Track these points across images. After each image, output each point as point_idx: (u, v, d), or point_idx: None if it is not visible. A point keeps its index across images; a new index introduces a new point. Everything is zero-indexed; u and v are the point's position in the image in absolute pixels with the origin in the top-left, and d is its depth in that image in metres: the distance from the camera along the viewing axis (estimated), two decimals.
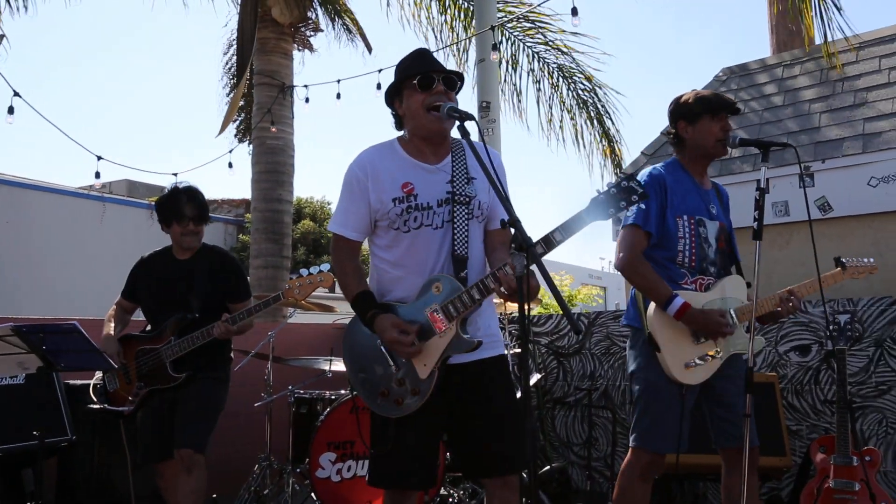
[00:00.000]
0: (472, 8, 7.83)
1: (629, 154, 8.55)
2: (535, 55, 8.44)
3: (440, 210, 2.43)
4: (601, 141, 8.52)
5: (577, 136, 8.54)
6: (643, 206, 2.90)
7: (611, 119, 8.47)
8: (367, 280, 2.55)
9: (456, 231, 2.43)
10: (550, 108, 8.55)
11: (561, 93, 8.49)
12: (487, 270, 2.51)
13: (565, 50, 8.28)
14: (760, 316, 3.01)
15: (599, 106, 8.43)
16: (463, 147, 2.52)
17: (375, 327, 2.38)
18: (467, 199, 2.45)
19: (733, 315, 2.93)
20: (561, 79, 8.47)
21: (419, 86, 2.40)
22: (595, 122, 8.48)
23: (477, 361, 2.45)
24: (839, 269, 3.27)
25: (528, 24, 8.30)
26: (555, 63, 8.43)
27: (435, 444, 2.56)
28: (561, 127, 8.54)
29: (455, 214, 2.43)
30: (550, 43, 8.32)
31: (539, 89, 8.49)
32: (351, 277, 2.49)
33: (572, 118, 8.54)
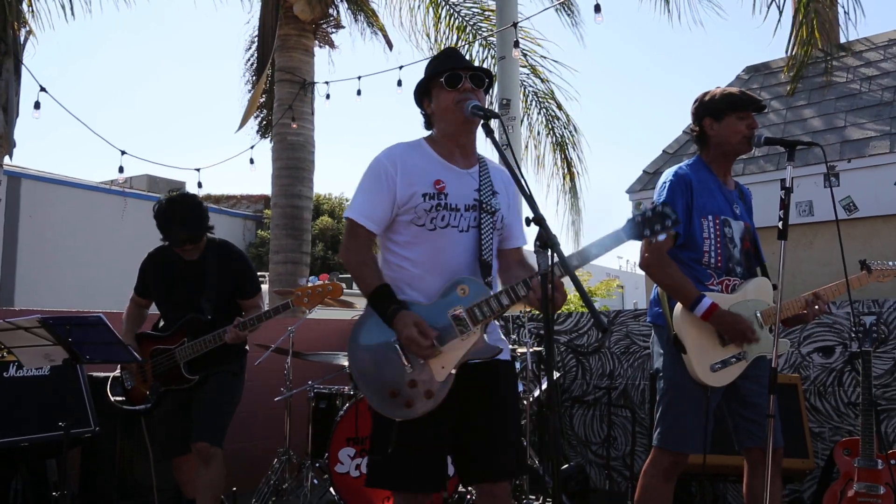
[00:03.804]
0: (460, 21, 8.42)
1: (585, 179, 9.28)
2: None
3: (467, 214, 2.41)
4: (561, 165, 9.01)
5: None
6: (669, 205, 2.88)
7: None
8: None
9: (483, 237, 2.41)
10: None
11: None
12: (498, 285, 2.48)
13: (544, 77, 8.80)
14: (786, 319, 2.94)
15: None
16: (487, 164, 2.54)
17: (395, 323, 2.26)
18: (493, 210, 2.45)
19: (759, 318, 2.90)
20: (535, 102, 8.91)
21: (446, 83, 2.39)
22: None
23: (489, 363, 2.38)
24: (864, 271, 3.20)
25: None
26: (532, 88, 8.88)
27: (442, 448, 2.38)
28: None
29: (481, 221, 2.41)
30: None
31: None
32: (368, 269, 2.37)
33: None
